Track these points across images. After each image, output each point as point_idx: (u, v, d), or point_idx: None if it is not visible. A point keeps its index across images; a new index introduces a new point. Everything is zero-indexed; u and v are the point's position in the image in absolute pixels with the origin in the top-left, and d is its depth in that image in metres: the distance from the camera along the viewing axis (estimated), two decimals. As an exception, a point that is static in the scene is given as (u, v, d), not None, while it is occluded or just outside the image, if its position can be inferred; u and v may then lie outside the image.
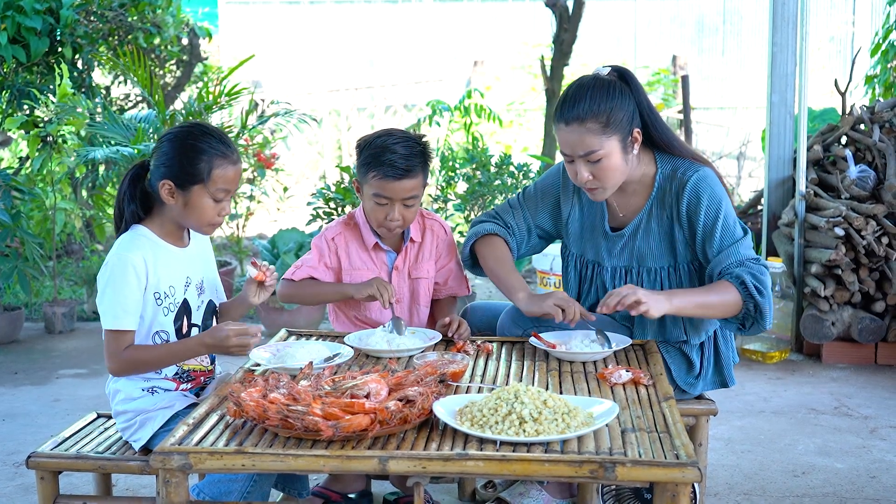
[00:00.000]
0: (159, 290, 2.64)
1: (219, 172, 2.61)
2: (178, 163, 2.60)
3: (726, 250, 2.78)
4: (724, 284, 2.75)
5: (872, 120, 5.22)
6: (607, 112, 2.72)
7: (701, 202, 2.80)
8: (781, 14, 5.26)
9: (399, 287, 3.16)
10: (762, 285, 2.73)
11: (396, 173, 2.96)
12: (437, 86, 12.23)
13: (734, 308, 2.75)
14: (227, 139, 2.67)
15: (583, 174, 2.78)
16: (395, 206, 3.01)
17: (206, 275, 2.82)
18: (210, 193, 2.62)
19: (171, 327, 2.67)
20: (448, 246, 3.23)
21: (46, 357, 5.25)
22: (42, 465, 2.59)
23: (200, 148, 2.60)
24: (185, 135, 2.64)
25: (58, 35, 6.00)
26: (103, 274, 2.62)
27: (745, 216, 6.10)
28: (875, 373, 4.83)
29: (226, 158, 2.63)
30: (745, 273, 2.73)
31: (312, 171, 11.41)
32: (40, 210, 5.87)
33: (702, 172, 2.84)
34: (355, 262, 3.17)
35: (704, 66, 12.76)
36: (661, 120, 2.89)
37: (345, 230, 3.20)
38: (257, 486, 2.44)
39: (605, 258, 2.97)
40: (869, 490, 3.39)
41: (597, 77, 2.81)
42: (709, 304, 2.74)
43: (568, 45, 7.65)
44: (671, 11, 13.19)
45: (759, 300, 2.72)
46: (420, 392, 2.16)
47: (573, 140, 2.74)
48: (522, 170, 5.40)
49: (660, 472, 1.92)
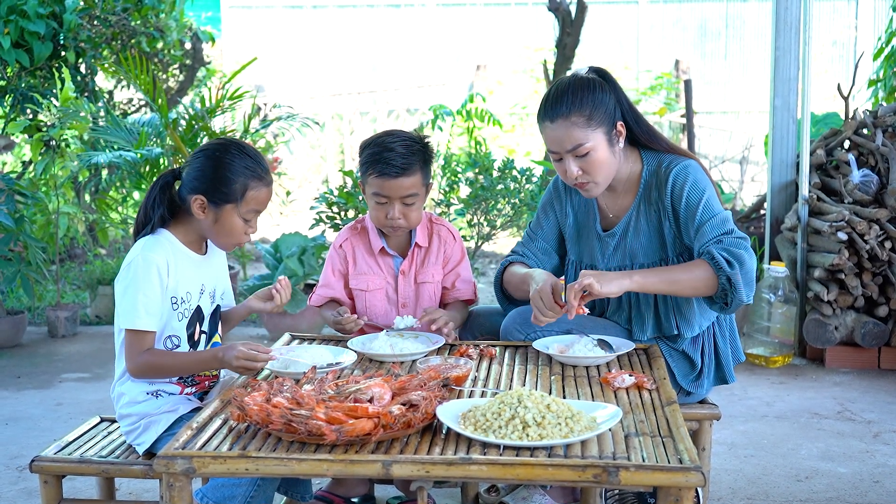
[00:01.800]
0: (176, 296, 2.65)
1: (252, 194, 2.63)
2: (212, 180, 2.61)
3: (704, 226, 2.78)
4: (696, 261, 2.76)
5: (875, 124, 5.22)
6: (590, 106, 2.77)
7: (683, 188, 2.83)
8: (784, 18, 5.26)
9: (405, 291, 3.17)
10: (734, 257, 2.69)
11: (393, 171, 2.97)
12: (440, 90, 12.24)
13: (707, 284, 2.72)
14: (262, 159, 2.68)
15: (572, 170, 2.80)
16: (394, 204, 3.02)
17: (219, 283, 2.84)
18: (241, 214, 2.64)
19: (183, 333, 2.68)
20: (457, 250, 3.23)
21: (49, 361, 5.26)
22: (45, 469, 2.59)
23: (237, 169, 2.61)
24: (222, 153, 2.64)
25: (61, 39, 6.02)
26: (126, 273, 2.62)
27: (747, 220, 6.10)
28: (878, 377, 4.82)
29: (261, 180, 2.64)
30: (715, 248, 2.72)
31: (315, 176, 11.42)
32: (43, 214, 5.88)
33: (685, 162, 2.87)
34: (361, 267, 3.18)
35: (707, 71, 12.77)
36: (642, 116, 2.94)
37: (352, 235, 3.21)
38: (261, 490, 2.44)
39: (599, 260, 2.99)
40: (872, 495, 3.38)
41: (575, 75, 2.87)
42: (676, 280, 2.72)
43: (571, 49, 7.65)
44: (674, 16, 13.20)
45: (729, 272, 2.67)
46: (423, 396, 2.16)
47: (560, 136, 2.78)
48: (525, 174, 5.40)
49: (663, 476, 1.92)
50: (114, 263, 6.31)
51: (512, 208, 5.43)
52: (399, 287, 3.16)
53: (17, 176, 6.30)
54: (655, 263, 2.91)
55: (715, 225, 2.77)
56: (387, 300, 3.19)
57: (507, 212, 5.48)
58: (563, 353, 2.70)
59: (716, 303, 2.79)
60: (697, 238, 2.79)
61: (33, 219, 5.80)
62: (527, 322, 2.90)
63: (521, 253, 3.15)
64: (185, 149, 5.24)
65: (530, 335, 2.89)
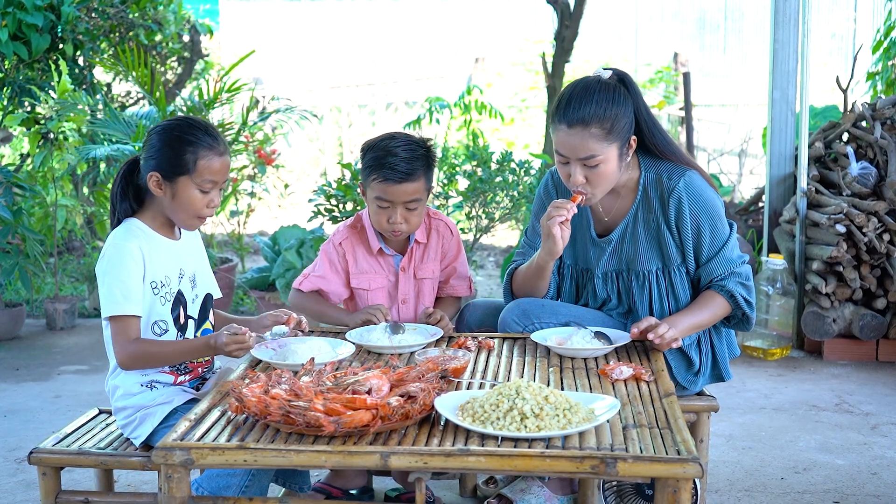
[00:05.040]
0: (156, 280, 2.66)
1: (204, 163, 2.64)
2: (164, 154, 2.64)
3: (715, 258, 2.86)
4: (715, 299, 2.86)
5: (874, 117, 5.22)
6: (612, 119, 2.72)
7: (687, 210, 2.83)
8: (783, 11, 5.26)
9: (405, 287, 3.17)
10: (750, 295, 2.88)
11: (397, 176, 2.95)
12: (439, 83, 12.22)
13: (723, 316, 2.91)
14: (213, 131, 2.70)
15: (577, 177, 2.77)
16: (396, 209, 3.00)
17: (199, 268, 2.84)
18: (196, 185, 2.65)
19: (168, 317, 2.69)
20: (453, 245, 3.23)
21: (47, 353, 5.26)
22: (44, 461, 2.60)
23: (186, 140, 2.64)
24: (171, 127, 2.68)
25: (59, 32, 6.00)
26: (101, 264, 2.65)
27: (746, 213, 6.10)
28: (876, 369, 4.83)
29: (211, 150, 2.66)
30: (735, 287, 2.85)
31: (313, 168, 11.41)
32: (41, 207, 5.88)
33: (687, 178, 2.84)
34: (362, 266, 3.17)
35: (706, 63, 12.75)
36: (659, 125, 2.89)
37: (351, 234, 3.20)
38: (255, 480, 2.45)
39: (595, 264, 2.98)
40: (870, 486, 3.39)
41: (600, 80, 2.79)
42: (703, 324, 2.88)
43: (569, 41, 7.64)
44: (673, 8, 13.17)
45: (747, 311, 2.88)
46: (422, 388, 2.16)
47: (575, 143, 2.73)
48: (524, 167, 5.39)
49: (661, 467, 1.92)
50: (112, 256, 6.29)
51: (510, 201, 5.43)
52: (399, 284, 3.16)
53: (15, 168, 6.29)
54: (652, 271, 2.91)
55: (726, 255, 2.86)
56: (388, 298, 3.19)
57: (505, 204, 5.47)
58: (562, 344, 2.70)
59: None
60: (709, 266, 2.87)
61: (31, 211, 5.79)
62: (525, 314, 2.91)
63: (521, 261, 3.12)
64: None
65: (528, 327, 2.89)
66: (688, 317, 2.83)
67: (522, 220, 5.89)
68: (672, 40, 12.75)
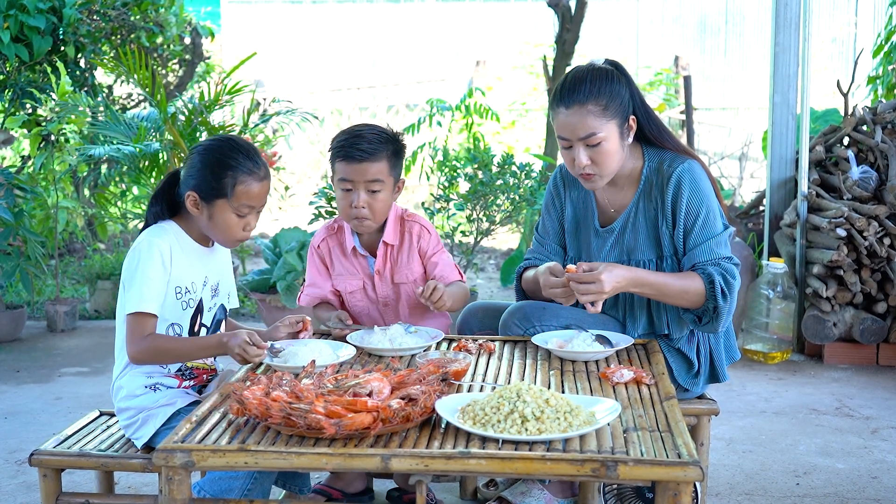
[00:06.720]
0: (180, 285, 2.67)
1: (242, 189, 2.64)
2: (203, 176, 2.65)
3: (702, 245, 2.82)
4: (693, 276, 2.80)
5: (875, 121, 5.22)
6: (607, 95, 2.77)
7: (684, 194, 2.83)
8: (784, 15, 5.26)
9: (383, 291, 3.17)
10: (729, 289, 2.77)
11: (358, 154, 2.97)
12: (439, 85, 12.23)
13: (695, 300, 2.79)
14: (255, 154, 2.69)
15: (581, 159, 2.79)
16: (359, 191, 2.99)
17: (223, 278, 2.85)
18: (233, 209, 2.66)
19: (186, 322, 2.70)
20: (432, 242, 3.21)
21: (48, 355, 5.26)
22: (45, 463, 2.60)
23: (226, 163, 2.64)
24: (213, 149, 2.68)
25: (60, 34, 6.01)
26: (132, 259, 2.65)
27: (746, 217, 6.10)
28: (876, 373, 4.83)
29: (251, 175, 2.66)
30: (716, 273, 2.78)
31: (314, 171, 11.42)
32: (42, 209, 5.88)
33: (687, 165, 2.87)
34: (338, 269, 3.19)
35: (706, 67, 12.76)
36: (653, 112, 2.94)
37: (329, 236, 3.22)
38: (258, 483, 2.45)
39: (597, 255, 2.99)
40: (870, 490, 3.39)
41: (592, 65, 2.88)
42: (668, 287, 2.77)
43: (570, 45, 7.64)
44: (673, 12, 13.19)
45: (720, 303, 2.76)
46: (422, 390, 2.17)
47: (574, 122, 2.76)
48: (525, 169, 5.39)
49: (661, 471, 1.92)
50: (113, 258, 6.31)
51: (511, 203, 5.43)
52: (377, 287, 3.16)
53: (16, 170, 6.30)
54: (651, 260, 2.91)
55: (713, 246, 2.81)
56: (367, 300, 3.19)
57: (505, 207, 5.47)
58: (562, 347, 2.70)
59: (688, 314, 2.86)
60: (694, 252, 2.83)
61: (32, 213, 5.80)
62: (526, 317, 2.91)
63: (532, 259, 3.14)
64: (184, 143, 5.23)
65: (529, 330, 2.89)
66: (656, 273, 2.80)
67: (523, 223, 5.89)
68: (673, 44, 12.76)
